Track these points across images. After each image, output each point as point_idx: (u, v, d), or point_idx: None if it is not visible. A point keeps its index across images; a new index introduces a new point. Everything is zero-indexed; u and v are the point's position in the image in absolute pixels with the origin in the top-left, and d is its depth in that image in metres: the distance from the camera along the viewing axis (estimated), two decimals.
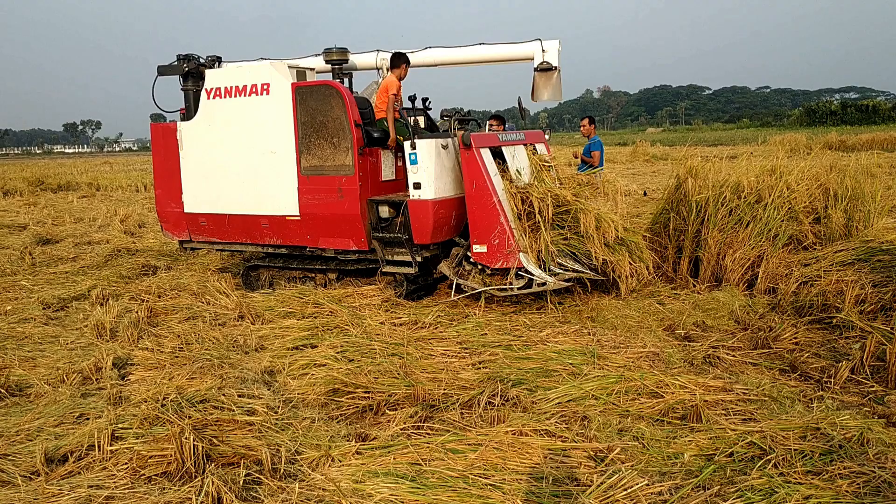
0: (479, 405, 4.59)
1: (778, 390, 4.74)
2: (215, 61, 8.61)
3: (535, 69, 8.32)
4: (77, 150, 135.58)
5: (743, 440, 3.93)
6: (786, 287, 6.71)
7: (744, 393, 4.68)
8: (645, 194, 15.09)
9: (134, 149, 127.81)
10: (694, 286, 7.41)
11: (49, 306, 7.92)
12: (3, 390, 5.24)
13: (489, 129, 8.33)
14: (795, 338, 5.75)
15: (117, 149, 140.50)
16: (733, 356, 5.48)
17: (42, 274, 9.80)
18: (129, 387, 5.25)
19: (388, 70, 8.54)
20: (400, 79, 8.00)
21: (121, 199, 20.79)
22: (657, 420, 4.36)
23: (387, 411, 4.67)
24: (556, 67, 8.27)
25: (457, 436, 4.11)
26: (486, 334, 6.21)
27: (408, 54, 8.44)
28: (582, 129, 10.20)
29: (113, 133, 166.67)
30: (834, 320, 5.98)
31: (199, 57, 8.52)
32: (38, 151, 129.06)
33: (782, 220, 7.36)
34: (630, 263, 6.92)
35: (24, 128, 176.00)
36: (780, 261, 7.15)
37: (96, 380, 5.43)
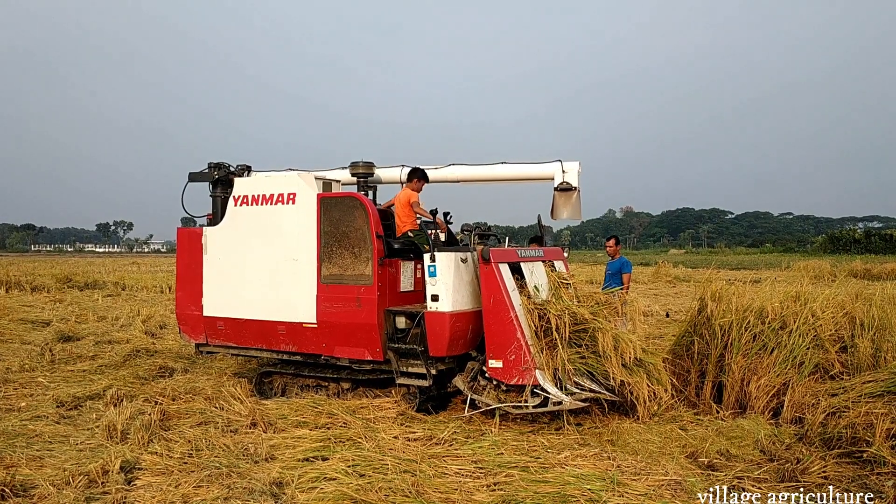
0: None
1: None
2: (245, 170, 8.86)
3: (556, 189, 8.44)
4: (108, 250, 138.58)
5: None
6: (813, 417, 6.50)
7: None
8: (667, 315, 14.97)
9: (162, 250, 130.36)
10: (717, 412, 7.21)
11: (63, 404, 7.88)
12: (7, 489, 5.14)
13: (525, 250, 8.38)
14: (824, 471, 5.51)
15: (146, 250, 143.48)
16: (759, 488, 5.26)
17: (60, 371, 9.80)
18: (134, 492, 5.13)
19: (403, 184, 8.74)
20: (415, 192, 8.22)
21: (145, 299, 21.00)
22: None
23: None
24: (575, 188, 8.38)
25: None
26: (502, 454, 6.03)
27: (431, 170, 8.64)
28: (608, 248, 10.24)
29: (143, 234, 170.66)
30: (865, 454, 5.75)
31: (229, 165, 8.78)
32: (69, 249, 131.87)
33: (808, 348, 7.22)
34: (648, 386, 6.78)
35: (59, 226, 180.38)
36: (807, 389, 6.95)
37: (102, 483, 5.32)
